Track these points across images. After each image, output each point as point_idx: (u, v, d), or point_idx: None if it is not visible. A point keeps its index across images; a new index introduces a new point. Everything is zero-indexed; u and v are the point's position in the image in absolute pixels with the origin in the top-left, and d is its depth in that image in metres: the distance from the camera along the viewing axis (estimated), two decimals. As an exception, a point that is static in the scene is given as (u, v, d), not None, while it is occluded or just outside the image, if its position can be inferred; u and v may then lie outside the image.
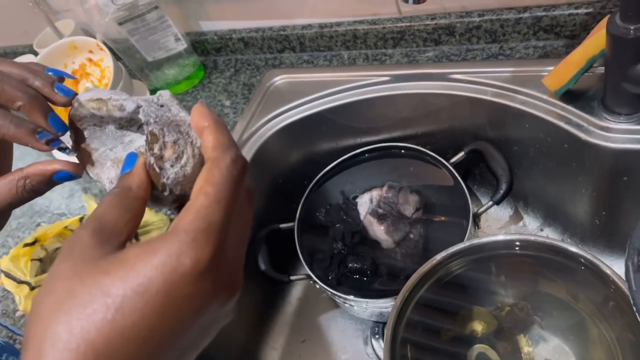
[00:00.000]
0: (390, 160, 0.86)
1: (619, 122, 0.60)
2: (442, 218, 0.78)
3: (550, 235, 0.81)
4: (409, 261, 0.73)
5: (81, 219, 0.80)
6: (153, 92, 1.00)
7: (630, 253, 0.49)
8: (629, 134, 0.59)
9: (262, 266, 0.79)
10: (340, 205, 0.86)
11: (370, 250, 0.77)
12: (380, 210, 0.79)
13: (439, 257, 0.62)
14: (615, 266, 0.55)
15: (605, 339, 0.62)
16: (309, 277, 0.77)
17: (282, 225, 0.84)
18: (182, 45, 0.96)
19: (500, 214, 0.86)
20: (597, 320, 0.63)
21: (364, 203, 0.83)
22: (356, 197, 0.85)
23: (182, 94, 0.98)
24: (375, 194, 0.82)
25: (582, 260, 0.59)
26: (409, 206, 0.78)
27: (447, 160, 0.79)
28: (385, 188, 0.80)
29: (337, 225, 0.83)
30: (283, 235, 0.83)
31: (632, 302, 0.47)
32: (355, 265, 0.75)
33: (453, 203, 0.77)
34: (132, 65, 0.97)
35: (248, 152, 0.82)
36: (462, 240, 0.70)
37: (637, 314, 0.46)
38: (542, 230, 0.81)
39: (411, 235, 0.75)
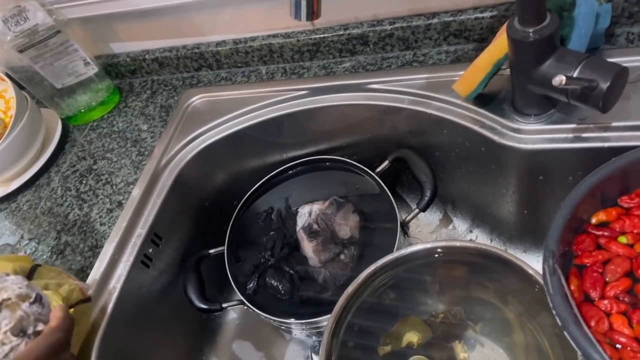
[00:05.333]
0: (319, 174, 0.85)
1: (529, 123, 0.61)
2: (373, 230, 0.77)
3: (479, 236, 0.81)
4: (331, 284, 0.71)
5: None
6: (66, 120, 0.95)
7: (546, 255, 0.49)
8: (539, 134, 0.60)
9: (192, 297, 0.75)
10: (281, 213, 0.83)
11: (296, 265, 0.75)
12: (315, 227, 0.77)
13: (363, 275, 0.61)
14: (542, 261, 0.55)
15: (536, 338, 0.63)
16: (242, 302, 0.74)
17: (212, 251, 0.81)
18: (93, 70, 0.91)
19: (430, 218, 0.86)
20: (526, 320, 0.63)
21: (303, 215, 0.81)
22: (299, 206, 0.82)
23: (97, 121, 0.93)
24: (316, 207, 0.79)
25: (505, 262, 0.59)
26: (346, 227, 0.76)
27: (374, 169, 0.79)
28: (327, 203, 0.78)
29: (272, 233, 0.80)
30: (214, 260, 0.80)
31: (550, 304, 0.47)
32: (272, 282, 0.73)
33: (381, 213, 0.76)
34: (40, 93, 0.91)
35: (168, 178, 0.78)
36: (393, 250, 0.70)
37: (556, 316, 0.46)
38: (471, 231, 0.82)
39: (342, 257, 0.73)
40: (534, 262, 0.75)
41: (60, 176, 0.86)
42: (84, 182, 0.83)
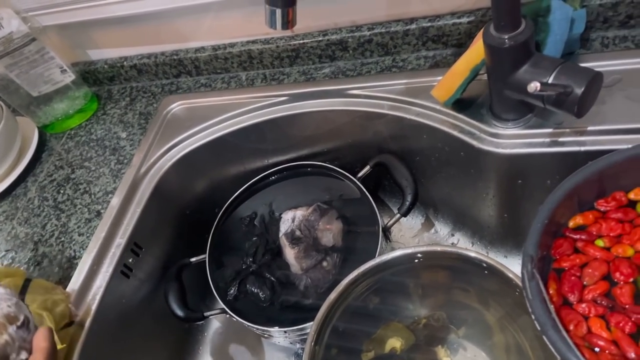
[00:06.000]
0: (302, 179, 0.85)
1: (507, 128, 0.61)
2: (355, 236, 0.76)
3: (461, 240, 0.82)
4: (312, 291, 0.71)
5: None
6: (43, 129, 0.93)
7: (525, 261, 0.49)
8: (517, 139, 0.61)
9: (174, 306, 0.75)
10: (264, 218, 0.83)
11: (277, 272, 0.75)
12: (298, 233, 0.76)
13: (345, 282, 0.61)
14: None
15: (517, 340, 0.63)
16: (224, 311, 0.73)
17: (194, 259, 0.80)
18: (70, 77, 0.90)
19: (412, 222, 0.86)
20: (507, 323, 0.64)
21: (287, 221, 0.80)
22: (283, 212, 0.82)
23: (75, 129, 0.92)
24: (299, 213, 0.79)
25: (485, 265, 0.60)
26: (329, 233, 0.76)
27: (355, 174, 0.79)
28: (310, 209, 0.78)
29: (254, 239, 0.80)
30: (196, 268, 0.79)
31: (529, 309, 0.47)
32: (252, 288, 0.73)
33: (363, 218, 0.76)
34: (16, 102, 0.89)
35: (148, 186, 0.77)
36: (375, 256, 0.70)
37: (535, 321, 0.46)
38: (453, 235, 0.82)
39: (324, 264, 0.72)
40: (515, 265, 0.76)
41: (38, 186, 0.85)
42: (62, 191, 0.82)
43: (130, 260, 0.73)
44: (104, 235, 0.72)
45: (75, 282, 0.69)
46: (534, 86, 0.48)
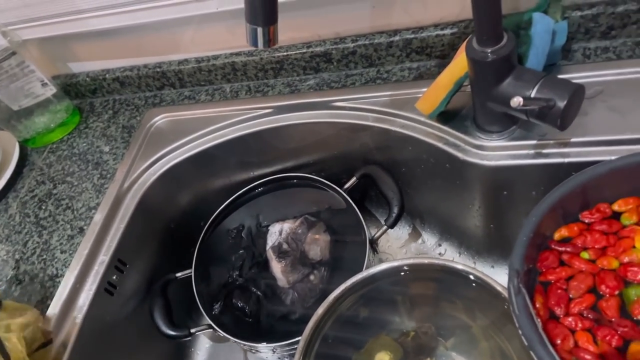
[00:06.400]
0: (288, 191, 0.84)
1: (491, 140, 0.61)
2: (342, 248, 0.76)
3: (448, 250, 0.82)
4: (299, 305, 0.71)
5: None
6: (24, 143, 0.92)
7: (511, 275, 0.49)
8: (502, 151, 0.61)
9: (159, 323, 0.73)
10: (251, 230, 0.82)
11: (264, 285, 0.74)
12: (285, 246, 0.76)
13: (332, 296, 0.61)
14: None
15: (504, 351, 0.63)
16: (210, 326, 0.72)
17: (179, 274, 0.79)
18: (51, 90, 0.88)
19: (399, 232, 0.86)
20: (493, 333, 0.64)
21: (274, 233, 0.80)
22: (270, 224, 0.81)
23: (57, 143, 0.90)
24: (286, 226, 0.78)
25: (471, 277, 0.60)
26: (317, 247, 0.75)
27: (342, 185, 0.79)
28: (298, 222, 0.77)
29: (241, 252, 0.79)
30: (182, 283, 0.78)
31: (516, 324, 0.47)
32: (238, 302, 0.72)
33: (350, 231, 0.75)
34: (-4, 116, 0.88)
35: (131, 201, 0.76)
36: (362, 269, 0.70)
37: (522, 336, 0.46)
38: (440, 245, 0.82)
39: (311, 277, 0.72)
40: (502, 275, 0.76)
41: (19, 202, 0.83)
42: (44, 207, 0.80)
43: (114, 277, 0.72)
44: (86, 253, 0.71)
45: (57, 301, 0.68)
46: (517, 101, 0.48)
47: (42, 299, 0.69)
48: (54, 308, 0.67)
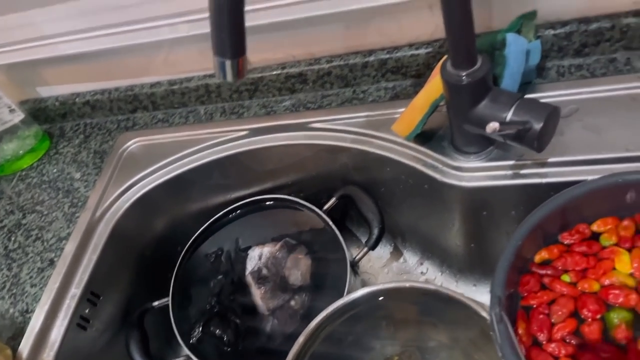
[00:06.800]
0: (267, 213, 0.82)
1: (469, 161, 0.61)
2: (323, 272, 0.75)
3: (430, 268, 0.81)
4: (279, 333, 0.69)
5: None
6: (-9, 170, 0.89)
7: (493, 302, 0.48)
8: (480, 172, 0.60)
9: (135, 356, 0.71)
10: (230, 255, 0.80)
11: (242, 313, 0.72)
12: (265, 271, 0.74)
13: (313, 324, 0.60)
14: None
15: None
16: (189, 357, 0.70)
17: (156, 303, 0.76)
18: (19, 116, 0.86)
19: (381, 252, 0.85)
20: (475, 355, 0.63)
21: (253, 258, 0.78)
22: (249, 247, 0.79)
23: (26, 170, 0.88)
24: (266, 250, 0.76)
25: (453, 300, 0.59)
26: (297, 271, 0.74)
27: (321, 206, 0.77)
28: (278, 245, 0.76)
29: (220, 277, 0.77)
30: (159, 312, 0.76)
31: (499, 353, 0.46)
32: (216, 331, 0.70)
33: (331, 254, 0.74)
34: (-38, 144, 0.85)
35: (104, 230, 0.74)
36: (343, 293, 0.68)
37: (505, 366, 0.45)
38: (421, 264, 0.81)
39: (292, 303, 0.70)
40: (484, 294, 0.75)
41: (-13, 233, 0.80)
42: (13, 238, 0.78)
43: (86, 311, 0.69)
44: (57, 286, 0.68)
45: (28, 338, 0.65)
46: (492, 126, 0.48)
47: (13, 335, 0.67)
48: (25, 345, 0.64)
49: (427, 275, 0.81)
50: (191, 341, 0.71)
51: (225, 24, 0.40)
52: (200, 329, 0.72)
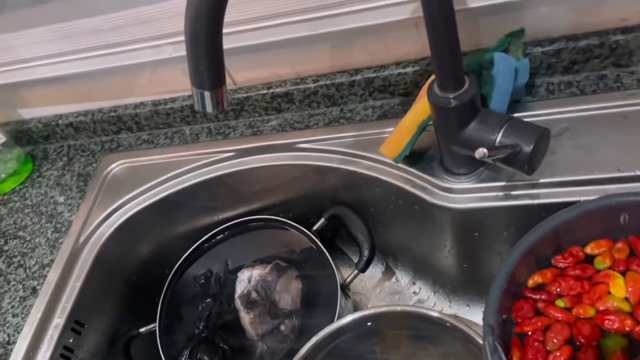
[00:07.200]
0: (256, 234, 0.81)
1: (459, 182, 0.60)
2: (314, 295, 0.73)
3: (422, 288, 0.79)
4: (268, 359, 0.67)
5: None
6: (-27, 195, 0.87)
7: (486, 332, 0.47)
8: (470, 193, 0.59)
9: (122, 386, 0.69)
10: (219, 278, 0.78)
11: (231, 338, 0.70)
12: (254, 295, 0.72)
13: (303, 350, 0.58)
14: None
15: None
16: (177, 386, 0.68)
17: (143, 329, 0.74)
18: (0, 139, 0.84)
19: (373, 271, 0.84)
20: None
21: (243, 281, 0.76)
22: (238, 269, 0.77)
23: (8, 194, 0.85)
24: (256, 273, 0.74)
25: (445, 324, 0.58)
26: (287, 296, 0.72)
27: (311, 227, 0.76)
28: (268, 268, 0.74)
29: (208, 300, 0.75)
30: (146, 338, 0.74)
31: (494, 386, 0.44)
32: (204, 357, 0.69)
33: (321, 276, 0.72)
34: (-58, 168, 0.83)
35: (88, 256, 0.72)
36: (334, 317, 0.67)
37: (500, 398, 0.43)
38: (414, 284, 0.80)
39: (282, 328, 0.69)
40: (478, 314, 0.74)
41: (-33, 260, 0.78)
42: (-6, 266, 0.76)
43: (70, 341, 0.67)
44: (39, 316, 0.66)
45: (10, 372, 0.63)
46: (481, 152, 0.46)
47: (-6, 369, 0.65)
48: (6, 379, 0.62)
49: (420, 295, 0.79)
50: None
51: (202, 55, 0.38)
52: (187, 355, 0.71)
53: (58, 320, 0.67)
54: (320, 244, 0.73)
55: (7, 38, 0.70)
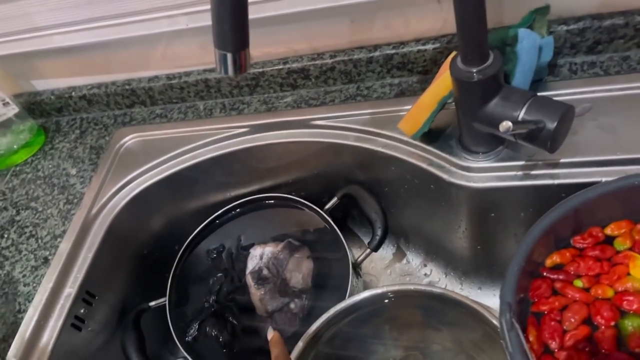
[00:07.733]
0: (267, 212, 0.80)
1: (477, 161, 0.59)
2: (325, 274, 0.72)
3: (433, 270, 0.79)
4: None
5: None
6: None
7: (503, 309, 0.46)
8: (488, 172, 0.58)
9: (132, 357, 0.69)
10: (232, 252, 0.78)
11: (240, 314, 0.70)
12: (265, 272, 0.72)
13: (314, 327, 0.58)
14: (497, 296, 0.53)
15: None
16: (186, 358, 0.68)
17: (153, 303, 0.74)
18: (13, 110, 0.83)
19: (384, 253, 0.83)
20: (476, 355, 0.61)
21: (254, 257, 0.75)
22: (250, 246, 0.77)
23: (20, 165, 0.85)
24: (268, 250, 0.74)
25: (458, 303, 0.57)
26: (299, 274, 0.72)
27: (323, 205, 0.75)
28: (280, 246, 0.74)
29: (219, 275, 0.75)
30: (156, 312, 0.74)
31: (510, 363, 0.44)
32: (212, 331, 0.69)
33: (333, 255, 0.72)
34: (-45, 138, 0.83)
35: (100, 228, 0.72)
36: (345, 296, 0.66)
37: (516, 376, 0.43)
38: (425, 265, 0.80)
39: (291, 306, 0.68)
40: (490, 297, 0.74)
41: (-21, 230, 0.78)
42: (6, 236, 0.75)
43: (81, 311, 0.67)
44: (51, 286, 0.66)
45: (21, 338, 0.63)
46: (506, 126, 0.46)
47: (4, 337, 0.65)
48: (17, 347, 0.62)
49: (431, 277, 0.79)
50: (187, 339, 0.70)
51: (228, 15, 0.37)
52: (197, 327, 0.71)
53: (69, 290, 0.67)
54: (333, 224, 0.73)
55: (25, 4, 0.70)
